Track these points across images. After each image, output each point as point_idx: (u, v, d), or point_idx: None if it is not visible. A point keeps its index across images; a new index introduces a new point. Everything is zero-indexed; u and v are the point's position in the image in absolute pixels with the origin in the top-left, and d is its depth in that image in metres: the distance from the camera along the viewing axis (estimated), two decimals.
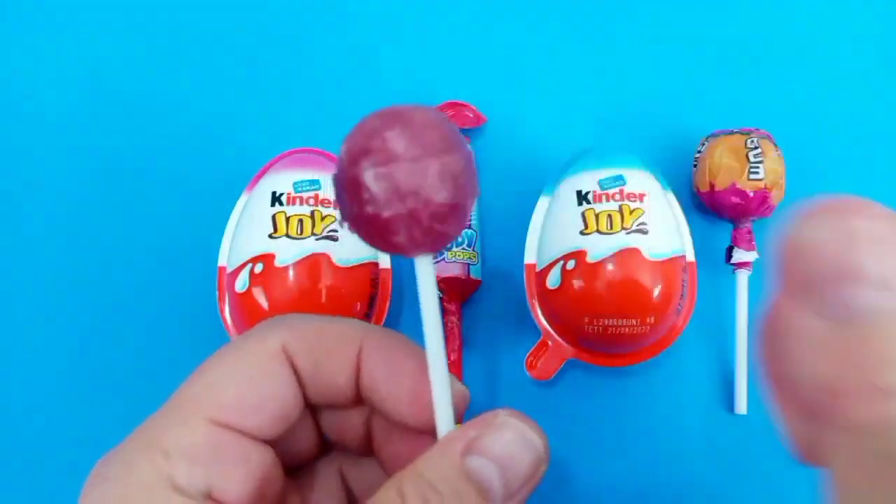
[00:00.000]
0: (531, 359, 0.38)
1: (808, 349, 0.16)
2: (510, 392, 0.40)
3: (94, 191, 0.42)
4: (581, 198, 0.37)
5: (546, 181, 0.39)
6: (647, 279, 0.35)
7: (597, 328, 0.36)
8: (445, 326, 0.39)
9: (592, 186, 0.37)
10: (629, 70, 0.44)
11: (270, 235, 0.36)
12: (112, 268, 0.41)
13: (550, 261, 0.37)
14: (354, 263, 0.36)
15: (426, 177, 0.18)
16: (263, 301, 0.35)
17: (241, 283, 0.35)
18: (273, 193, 0.37)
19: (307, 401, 0.23)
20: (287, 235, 0.36)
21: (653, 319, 0.36)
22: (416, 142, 0.18)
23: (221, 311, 0.37)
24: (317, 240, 0.36)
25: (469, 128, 0.42)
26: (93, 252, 0.41)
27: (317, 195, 0.37)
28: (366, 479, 0.25)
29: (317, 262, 0.35)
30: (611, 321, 0.35)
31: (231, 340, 0.22)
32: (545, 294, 0.37)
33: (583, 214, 0.37)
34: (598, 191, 0.37)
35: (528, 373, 0.38)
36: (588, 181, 0.37)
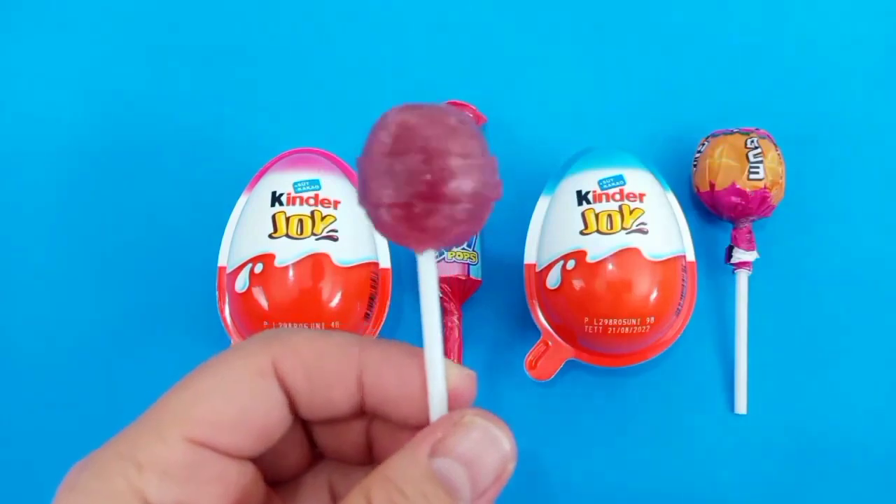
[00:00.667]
0: (531, 359, 0.38)
1: None
2: (510, 392, 0.40)
3: (95, 191, 0.42)
4: (581, 198, 0.37)
5: (546, 181, 0.39)
6: (647, 279, 0.35)
7: (597, 328, 0.36)
8: (445, 326, 0.39)
9: (592, 186, 0.37)
10: (629, 70, 0.44)
11: (270, 235, 0.36)
12: (112, 268, 0.41)
13: (550, 261, 0.37)
14: (354, 263, 0.36)
15: (447, 172, 0.18)
16: (263, 301, 0.35)
17: (241, 283, 0.35)
18: (273, 193, 0.37)
19: (300, 416, 0.22)
20: (287, 235, 0.36)
21: (653, 319, 0.36)
22: (441, 138, 0.19)
23: (221, 311, 0.37)
24: (317, 240, 0.36)
25: None
26: (93, 252, 0.41)
27: (317, 195, 0.37)
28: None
29: (317, 262, 0.35)
30: (611, 321, 0.35)
31: (217, 354, 0.21)
32: (545, 294, 0.37)
33: (583, 214, 0.37)
34: (598, 191, 0.37)
35: (528, 373, 0.38)
36: (588, 181, 0.37)
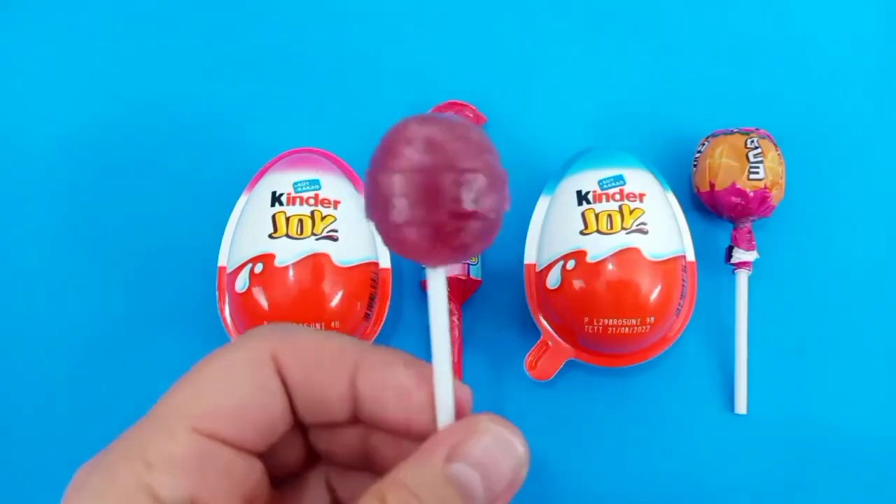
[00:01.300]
0: (531, 359, 0.38)
1: None
2: (510, 392, 0.40)
3: (95, 191, 0.42)
4: (581, 198, 0.37)
5: (546, 181, 0.39)
6: (647, 279, 0.35)
7: (597, 328, 0.36)
8: None
9: (592, 186, 0.37)
10: (629, 70, 0.44)
11: (270, 235, 0.36)
12: (112, 267, 0.41)
13: (550, 261, 0.37)
14: (354, 263, 0.36)
15: (478, 191, 0.18)
16: (263, 301, 0.35)
17: (241, 283, 0.35)
18: (273, 193, 0.37)
19: (297, 416, 0.22)
20: (287, 235, 0.36)
21: (653, 319, 0.36)
22: (469, 156, 0.18)
23: (221, 311, 0.37)
24: (317, 240, 0.36)
25: None
26: (93, 252, 0.41)
27: (317, 195, 0.37)
28: (355, 490, 0.24)
29: (317, 262, 0.35)
30: (611, 321, 0.35)
31: (218, 348, 0.21)
32: (545, 294, 0.37)
33: (583, 214, 0.37)
34: (598, 191, 0.37)
35: (528, 373, 0.38)
36: (588, 181, 0.37)
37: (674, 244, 0.37)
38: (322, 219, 0.36)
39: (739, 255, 0.39)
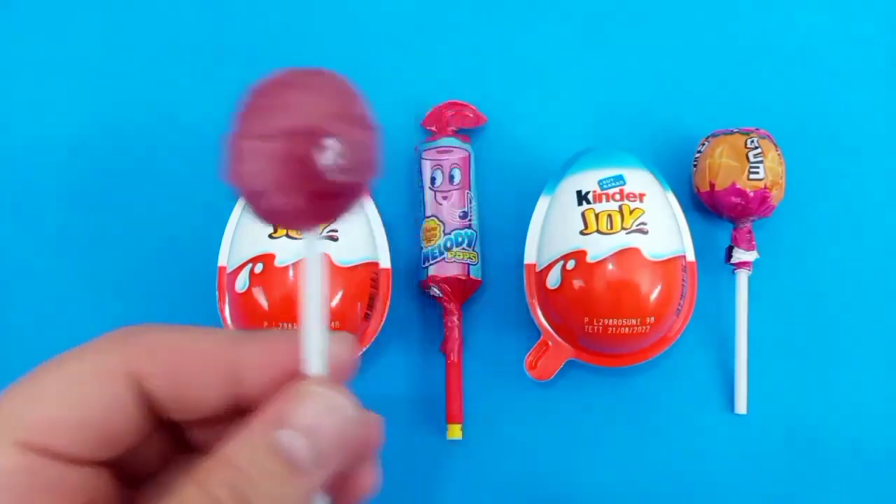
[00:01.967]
0: (531, 359, 0.38)
1: None
2: (510, 392, 0.40)
3: (95, 191, 0.42)
4: (581, 198, 0.37)
5: (546, 181, 0.39)
6: (647, 279, 0.35)
7: (597, 328, 0.36)
8: (445, 326, 0.39)
9: (592, 186, 0.37)
10: (629, 70, 0.44)
11: (270, 235, 0.36)
12: (113, 267, 0.41)
13: (550, 261, 0.37)
14: (354, 263, 0.36)
15: (311, 156, 0.17)
16: (263, 301, 0.35)
17: (241, 283, 0.35)
18: None
19: (170, 418, 0.21)
20: (287, 235, 0.36)
21: (653, 319, 0.36)
22: (308, 115, 0.17)
23: (221, 311, 0.37)
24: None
25: (469, 128, 0.42)
26: (94, 252, 0.41)
27: None
28: None
29: None
30: (611, 321, 0.35)
31: (61, 353, 0.20)
32: (545, 294, 0.37)
33: (583, 214, 0.37)
34: (598, 191, 0.37)
35: (528, 373, 0.38)
36: (588, 181, 0.37)
37: (674, 244, 0.37)
38: None
39: (739, 255, 0.39)
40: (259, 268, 0.35)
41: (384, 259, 0.38)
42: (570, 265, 0.36)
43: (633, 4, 0.45)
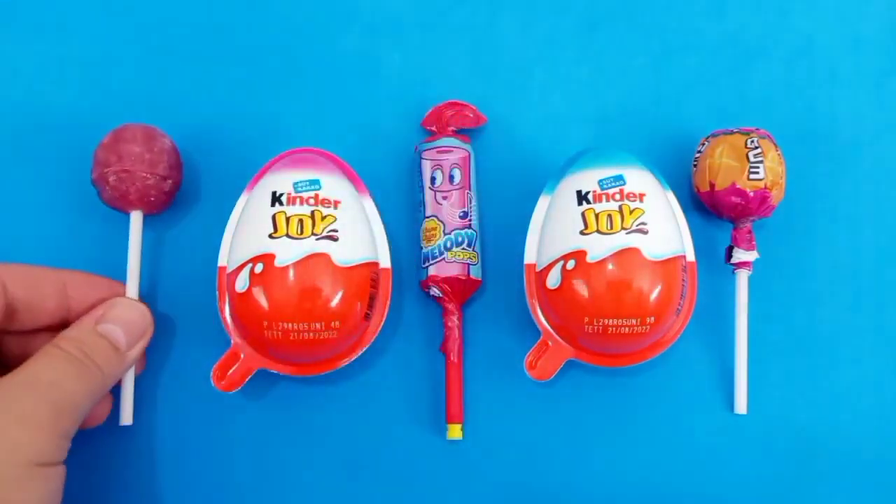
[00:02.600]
0: (531, 359, 0.38)
1: None
2: (510, 392, 0.40)
3: (95, 191, 0.42)
4: (581, 198, 0.37)
5: (546, 181, 0.39)
6: (647, 279, 0.35)
7: (597, 328, 0.36)
8: (445, 326, 0.39)
9: (592, 186, 0.37)
10: (629, 70, 0.44)
11: (270, 235, 0.36)
12: (112, 267, 0.41)
13: (550, 261, 0.37)
14: (354, 263, 0.36)
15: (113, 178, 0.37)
16: (263, 301, 0.35)
17: (241, 283, 0.35)
18: (273, 193, 0.37)
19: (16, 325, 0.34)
20: (287, 235, 0.36)
21: (653, 319, 0.36)
22: (126, 148, 0.37)
23: (221, 311, 0.37)
24: (317, 240, 0.36)
25: (469, 128, 0.42)
26: (93, 252, 0.41)
27: (317, 195, 0.37)
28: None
29: (317, 262, 0.35)
30: (611, 321, 0.35)
31: None
32: (545, 294, 0.37)
33: (583, 214, 0.37)
34: (598, 191, 0.37)
35: (528, 373, 0.38)
36: (588, 181, 0.37)
37: (674, 244, 0.37)
38: (322, 219, 0.36)
39: (739, 255, 0.39)
40: (259, 268, 0.35)
41: (384, 259, 0.38)
42: (570, 265, 0.36)
43: (634, 4, 0.45)
